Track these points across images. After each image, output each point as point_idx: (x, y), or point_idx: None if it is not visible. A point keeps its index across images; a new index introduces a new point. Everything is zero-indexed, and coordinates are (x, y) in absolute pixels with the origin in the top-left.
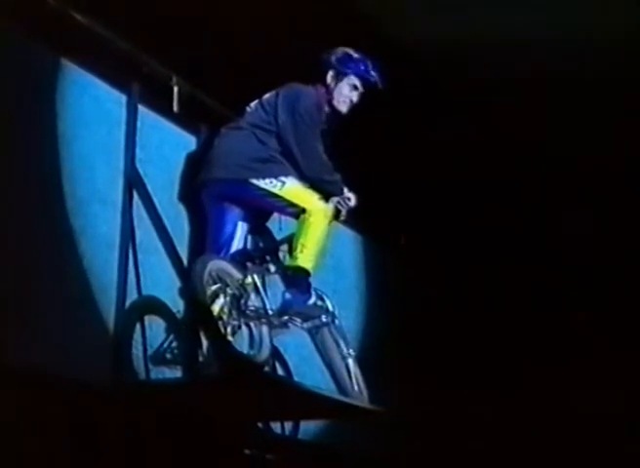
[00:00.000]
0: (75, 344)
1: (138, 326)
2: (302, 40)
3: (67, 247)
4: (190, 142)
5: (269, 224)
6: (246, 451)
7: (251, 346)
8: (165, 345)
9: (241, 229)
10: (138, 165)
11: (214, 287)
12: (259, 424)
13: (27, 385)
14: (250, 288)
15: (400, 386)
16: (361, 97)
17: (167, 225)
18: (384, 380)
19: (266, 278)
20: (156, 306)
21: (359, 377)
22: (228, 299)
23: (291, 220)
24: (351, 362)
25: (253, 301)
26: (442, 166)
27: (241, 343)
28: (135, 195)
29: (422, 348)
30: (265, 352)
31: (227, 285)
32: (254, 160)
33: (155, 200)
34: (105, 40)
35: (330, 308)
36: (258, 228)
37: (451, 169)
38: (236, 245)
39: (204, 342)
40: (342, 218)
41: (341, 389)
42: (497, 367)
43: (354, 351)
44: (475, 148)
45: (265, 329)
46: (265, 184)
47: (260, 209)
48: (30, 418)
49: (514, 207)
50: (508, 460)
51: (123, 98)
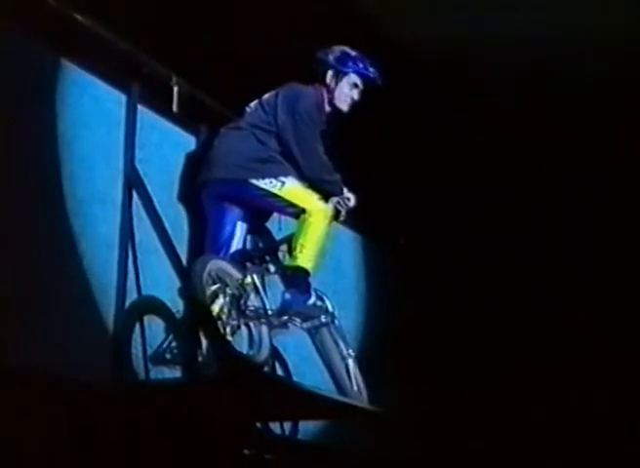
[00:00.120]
0: (75, 344)
1: (137, 326)
2: (302, 40)
3: (67, 247)
4: (190, 142)
5: (269, 224)
6: (245, 451)
7: (250, 346)
8: (164, 345)
9: (241, 229)
10: (137, 165)
11: (213, 287)
12: (258, 424)
13: (27, 385)
14: (249, 288)
15: (400, 386)
16: (361, 95)
17: (166, 225)
18: (384, 380)
19: (266, 278)
20: (156, 306)
21: (359, 377)
22: (228, 299)
23: (290, 220)
24: (351, 362)
25: (252, 301)
26: (442, 166)
27: (240, 343)
28: (134, 195)
29: (422, 348)
30: (265, 352)
31: (227, 285)
32: (253, 160)
33: (155, 200)
34: (105, 40)
35: (329, 308)
36: (257, 228)
37: (451, 169)
38: (236, 245)
39: (203, 342)
40: (342, 219)
41: (341, 389)
42: (497, 367)
43: (354, 351)
44: (475, 148)
45: (265, 329)
46: (265, 184)
47: (260, 209)
48: (30, 418)
49: (514, 207)
50: (508, 460)
51: (123, 98)
